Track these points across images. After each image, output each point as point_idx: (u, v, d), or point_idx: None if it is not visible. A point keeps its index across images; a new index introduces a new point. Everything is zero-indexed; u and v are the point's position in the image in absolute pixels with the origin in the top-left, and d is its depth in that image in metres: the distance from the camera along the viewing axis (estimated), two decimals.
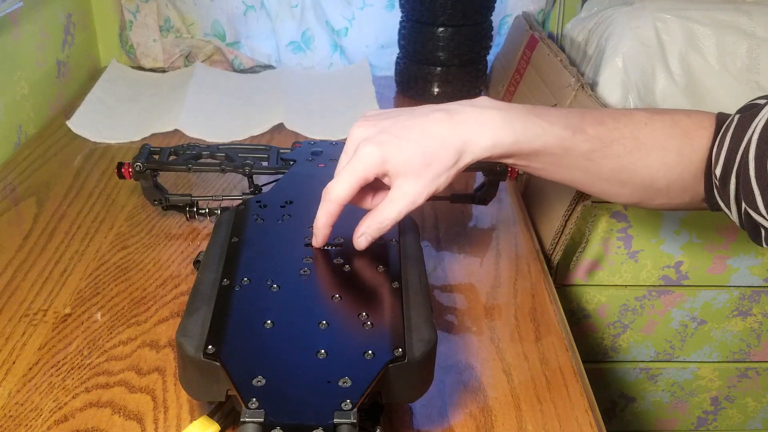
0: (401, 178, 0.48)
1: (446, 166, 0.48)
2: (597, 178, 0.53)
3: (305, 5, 1.13)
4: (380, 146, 0.47)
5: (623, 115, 0.53)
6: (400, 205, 0.48)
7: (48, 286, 0.62)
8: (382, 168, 0.47)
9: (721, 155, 0.50)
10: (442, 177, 0.48)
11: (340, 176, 0.48)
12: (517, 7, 1.15)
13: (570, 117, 0.51)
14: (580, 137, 0.50)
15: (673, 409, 1.05)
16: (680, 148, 0.52)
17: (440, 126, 0.48)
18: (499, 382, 0.53)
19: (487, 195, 0.71)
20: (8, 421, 0.48)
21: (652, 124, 0.52)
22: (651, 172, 0.53)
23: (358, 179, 0.47)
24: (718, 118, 0.53)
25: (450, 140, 0.48)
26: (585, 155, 0.51)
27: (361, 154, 0.47)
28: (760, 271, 0.90)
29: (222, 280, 0.47)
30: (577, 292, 0.91)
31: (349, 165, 0.48)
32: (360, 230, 0.50)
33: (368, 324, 0.43)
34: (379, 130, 0.48)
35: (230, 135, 0.92)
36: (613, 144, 0.51)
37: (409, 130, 0.48)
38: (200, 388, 0.42)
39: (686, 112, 0.54)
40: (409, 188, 0.48)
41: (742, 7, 0.86)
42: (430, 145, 0.47)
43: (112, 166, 0.83)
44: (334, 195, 0.48)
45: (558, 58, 0.84)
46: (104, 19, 1.16)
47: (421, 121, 0.49)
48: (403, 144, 0.47)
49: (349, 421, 0.36)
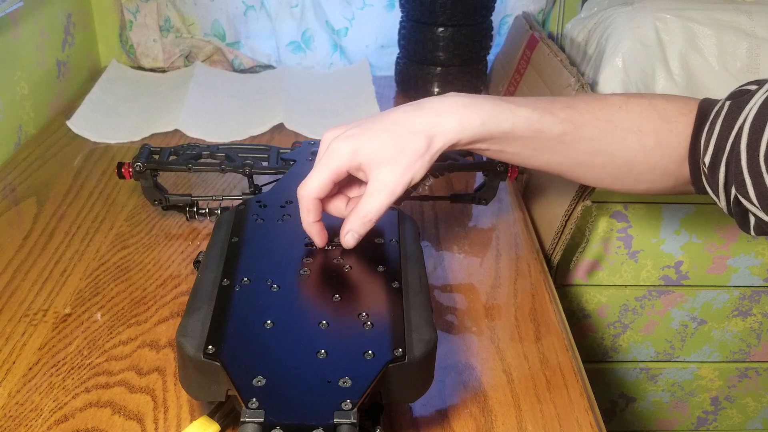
0: (376, 169, 0.48)
1: (419, 152, 0.48)
2: (574, 162, 0.54)
3: (305, 5, 1.13)
4: (350, 139, 0.48)
5: (596, 99, 0.53)
6: (380, 196, 0.48)
7: (48, 286, 0.62)
8: (355, 160, 0.48)
9: (710, 143, 0.49)
10: (416, 164, 0.48)
11: (312, 172, 0.49)
12: (517, 7, 1.15)
13: (539, 101, 0.52)
14: (549, 119, 0.51)
15: (673, 409, 1.05)
16: (658, 131, 0.52)
17: (407, 115, 0.49)
18: (499, 382, 0.53)
19: (487, 195, 0.71)
20: (8, 421, 0.48)
21: (627, 107, 0.52)
22: (628, 155, 0.53)
23: (330, 173, 0.48)
24: (702, 104, 0.53)
25: (418, 126, 0.49)
26: (557, 138, 0.51)
27: (331, 149, 0.48)
28: (760, 271, 0.90)
29: (222, 280, 0.47)
30: (577, 292, 0.91)
31: (321, 160, 0.48)
32: (345, 228, 0.50)
33: (368, 324, 0.43)
34: (348, 128, 0.50)
35: (230, 135, 0.92)
36: (586, 126, 0.51)
37: (378, 123, 0.49)
38: (200, 388, 0.42)
39: (666, 97, 0.54)
40: (385, 177, 0.48)
41: (742, 7, 0.85)
42: (400, 132, 0.48)
43: (112, 166, 0.83)
44: (306, 191, 0.49)
45: (558, 58, 0.84)
46: (104, 19, 1.16)
47: (388, 114, 0.50)
48: (372, 134, 0.48)
49: (349, 421, 0.36)
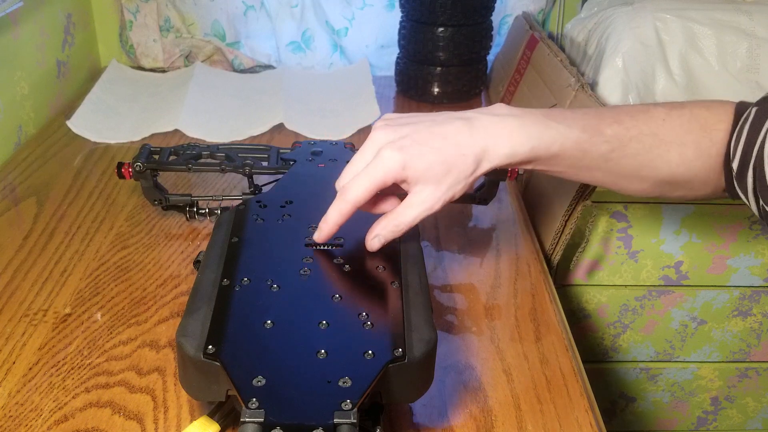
0: (420, 185, 0.48)
1: (465, 174, 0.49)
2: (618, 176, 0.53)
3: (305, 5, 1.13)
4: (402, 151, 0.47)
5: (641, 111, 0.53)
6: (418, 210, 0.49)
7: (48, 286, 0.62)
8: (402, 174, 0.48)
9: (738, 149, 0.49)
10: (460, 184, 0.49)
11: (359, 177, 0.48)
12: (517, 7, 1.15)
13: (587, 118, 0.51)
14: (597, 139, 0.50)
15: (673, 409, 1.05)
16: (699, 142, 0.52)
17: (460, 134, 0.49)
18: (499, 382, 0.53)
19: (487, 195, 0.71)
20: (8, 421, 0.48)
21: (670, 120, 0.52)
22: (671, 167, 0.52)
23: (377, 182, 0.48)
24: (737, 108, 0.52)
25: (469, 148, 0.48)
26: (604, 156, 0.51)
27: (382, 157, 0.47)
28: (760, 271, 0.90)
29: (222, 280, 0.47)
30: (577, 292, 0.91)
31: (370, 167, 0.48)
32: (374, 231, 0.50)
33: (368, 324, 0.43)
34: (400, 136, 0.49)
35: (230, 135, 0.92)
36: (632, 142, 0.51)
37: (430, 137, 0.48)
38: (200, 388, 0.42)
39: (705, 105, 0.54)
40: (428, 195, 0.48)
41: (742, 7, 0.85)
42: (451, 153, 0.48)
43: (112, 166, 0.83)
44: (351, 195, 0.48)
45: (558, 58, 0.84)
46: (104, 19, 1.16)
47: (441, 129, 0.49)
48: (424, 151, 0.48)
49: (349, 421, 0.36)
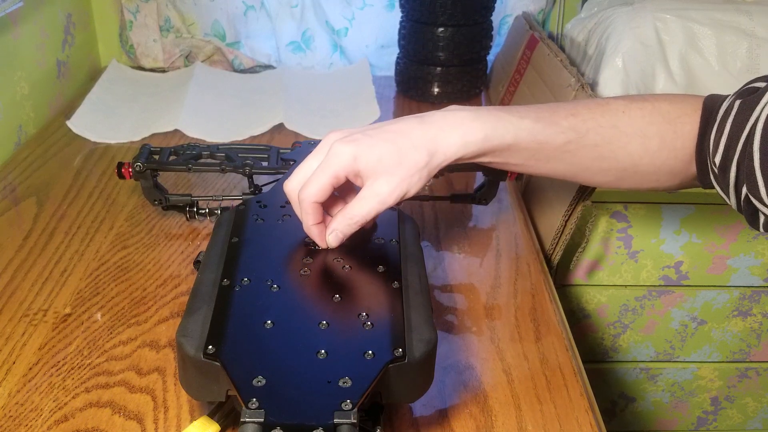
0: (372, 177, 0.48)
1: (418, 166, 0.48)
2: (579, 168, 0.54)
3: (305, 5, 1.13)
4: (352, 144, 0.48)
5: (598, 105, 0.53)
6: (371, 202, 0.49)
7: (48, 286, 0.62)
8: (354, 166, 0.48)
9: (720, 142, 0.49)
10: (414, 177, 0.49)
11: (314, 175, 0.49)
12: (517, 7, 1.15)
13: (541, 111, 0.52)
14: (552, 129, 0.51)
15: (673, 409, 1.05)
16: (662, 134, 0.52)
17: (411, 128, 0.49)
18: (499, 382, 0.53)
19: (487, 195, 0.71)
20: (8, 421, 0.48)
21: (630, 112, 0.53)
22: (633, 158, 0.53)
23: (330, 177, 0.48)
24: (707, 101, 0.53)
25: (421, 140, 0.49)
26: (561, 147, 0.52)
27: (333, 151, 0.48)
28: (760, 271, 0.90)
29: (222, 280, 0.47)
30: (577, 292, 0.91)
31: (322, 163, 0.49)
32: (330, 227, 0.50)
33: (368, 324, 0.43)
34: (352, 132, 0.50)
35: (230, 135, 0.92)
36: (589, 133, 0.52)
37: (381, 132, 0.49)
38: (200, 388, 0.42)
39: (668, 98, 0.54)
40: (380, 187, 0.48)
41: (742, 7, 0.85)
42: (402, 145, 0.48)
43: (112, 166, 0.83)
44: (307, 194, 0.49)
45: (558, 58, 0.84)
46: (104, 19, 1.16)
47: (393, 126, 0.50)
48: (375, 143, 0.48)
49: (349, 421, 0.36)
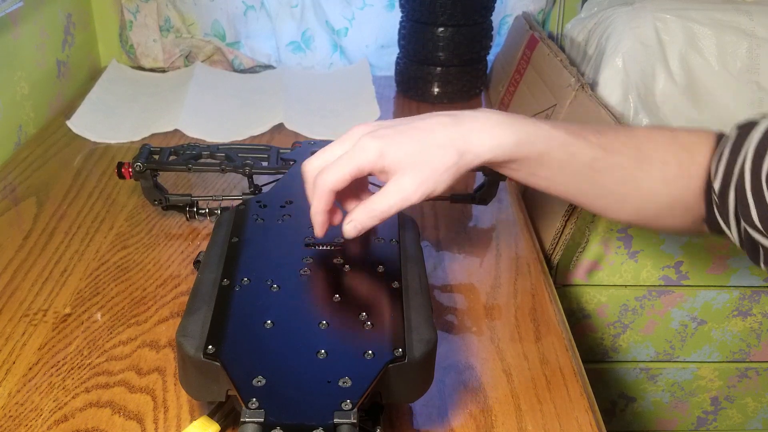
0: (398, 174, 0.47)
1: (446, 165, 0.47)
2: (603, 191, 0.53)
3: (305, 5, 1.13)
4: (380, 140, 0.46)
5: (622, 128, 0.54)
6: (394, 197, 0.47)
7: (48, 286, 0.62)
8: (380, 162, 0.46)
9: (719, 168, 0.50)
10: (441, 176, 0.47)
11: (337, 162, 0.47)
12: (517, 7, 1.15)
13: (570, 126, 0.51)
14: (582, 143, 0.50)
15: (673, 409, 1.05)
16: (680, 160, 0.52)
17: (443, 125, 0.48)
18: (499, 382, 0.53)
19: (487, 195, 0.71)
20: (8, 421, 0.48)
21: (652, 136, 0.53)
22: (653, 186, 0.52)
23: (353, 169, 0.46)
24: (718, 136, 0.53)
25: (451, 139, 0.47)
26: (589, 164, 0.51)
27: (360, 144, 0.47)
28: (760, 271, 0.90)
29: (222, 280, 0.47)
30: (577, 292, 0.91)
31: (348, 153, 0.47)
32: (349, 217, 0.48)
33: (368, 324, 0.43)
34: (380, 127, 0.48)
35: (230, 135, 0.92)
36: (616, 153, 0.51)
37: (410, 129, 0.48)
38: (200, 388, 0.42)
39: (688, 129, 0.55)
40: (405, 183, 0.47)
41: (742, 7, 0.85)
42: (431, 143, 0.47)
43: (112, 166, 0.83)
44: (324, 180, 0.47)
45: (558, 58, 0.84)
46: (104, 19, 1.16)
47: (423, 122, 0.48)
48: (404, 140, 0.47)
49: (349, 421, 0.36)
